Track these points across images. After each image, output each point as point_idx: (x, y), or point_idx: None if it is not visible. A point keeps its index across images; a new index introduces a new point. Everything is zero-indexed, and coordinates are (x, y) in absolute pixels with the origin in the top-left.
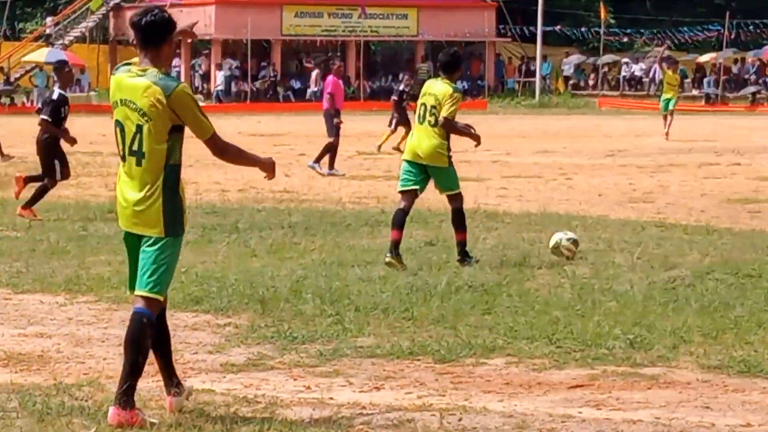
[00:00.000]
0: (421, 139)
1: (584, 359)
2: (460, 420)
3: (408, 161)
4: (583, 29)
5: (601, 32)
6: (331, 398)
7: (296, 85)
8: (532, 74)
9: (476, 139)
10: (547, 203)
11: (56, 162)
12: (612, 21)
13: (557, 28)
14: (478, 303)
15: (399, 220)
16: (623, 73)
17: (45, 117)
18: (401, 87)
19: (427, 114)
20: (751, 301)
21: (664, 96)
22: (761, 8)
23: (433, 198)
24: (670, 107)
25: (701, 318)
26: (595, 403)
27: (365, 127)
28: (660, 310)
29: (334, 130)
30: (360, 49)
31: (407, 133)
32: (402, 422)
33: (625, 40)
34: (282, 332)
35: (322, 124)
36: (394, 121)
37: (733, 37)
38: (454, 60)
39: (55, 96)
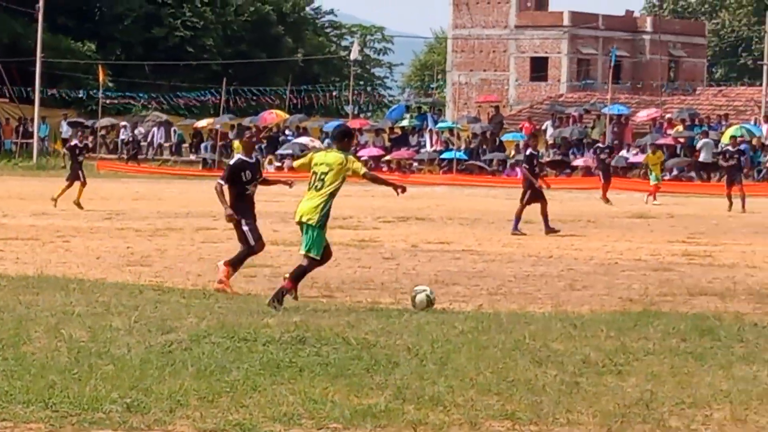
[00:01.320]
0: (306, 201)
1: (81, 423)
2: None
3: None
4: (81, 92)
5: (100, 95)
6: None
7: None
8: (30, 135)
9: (396, 187)
10: (45, 266)
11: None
12: (110, 84)
13: (55, 90)
14: None
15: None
16: (121, 137)
17: (219, 181)
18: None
19: (316, 180)
20: (246, 364)
21: None
22: (256, 76)
23: None
24: None
25: (198, 381)
26: None
27: None
28: (157, 374)
29: None
30: None
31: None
32: None
33: (124, 103)
34: None
35: None
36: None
37: (229, 103)
38: (344, 133)
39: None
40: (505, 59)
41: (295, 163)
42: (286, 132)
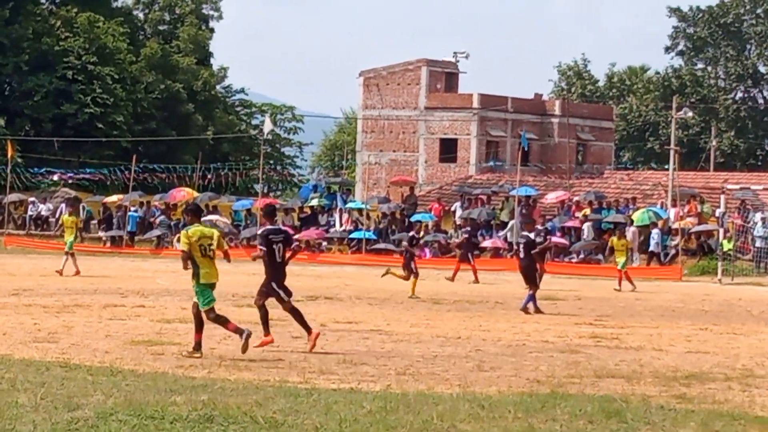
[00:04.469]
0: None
1: None
2: None
3: None
4: None
5: (8, 171)
6: None
7: None
8: None
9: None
10: None
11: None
12: (19, 160)
13: None
14: None
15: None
16: (30, 212)
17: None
18: None
19: (208, 250)
20: None
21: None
22: (166, 153)
23: None
24: None
25: None
26: None
27: None
28: None
29: None
30: None
31: None
32: None
33: (32, 179)
34: None
35: None
36: None
37: (139, 179)
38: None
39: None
40: (414, 140)
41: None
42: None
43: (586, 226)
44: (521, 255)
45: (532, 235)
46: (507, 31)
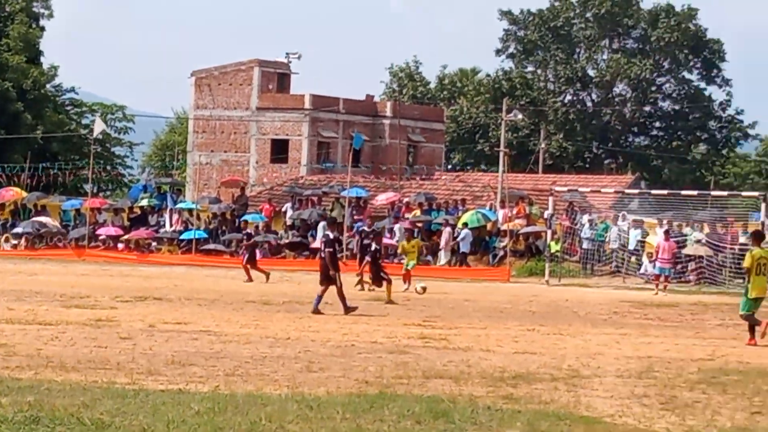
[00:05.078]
0: None
1: None
2: None
3: None
4: None
5: None
6: None
7: None
8: None
9: None
10: None
11: None
12: None
13: None
14: None
15: None
16: None
17: None
18: None
19: None
20: None
21: None
22: None
23: None
24: None
25: None
26: None
27: None
28: None
29: None
30: None
31: None
32: None
33: None
34: None
35: None
36: None
37: None
38: None
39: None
40: (246, 141)
41: None
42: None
43: (397, 227)
44: (322, 255)
45: (331, 235)
46: (340, 32)
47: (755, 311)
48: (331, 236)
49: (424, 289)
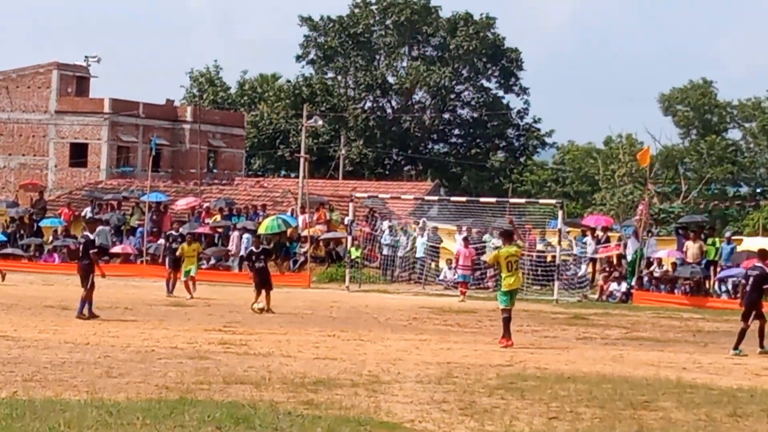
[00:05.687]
0: None
1: None
2: None
3: None
4: None
5: None
6: None
7: None
8: None
9: None
10: None
11: None
12: None
13: None
14: None
15: None
16: None
17: None
18: None
19: None
20: None
21: None
22: None
23: None
24: None
25: None
26: None
27: None
28: None
29: None
30: None
31: None
32: None
33: None
34: None
35: None
36: None
37: None
38: None
39: None
40: (44, 144)
41: None
42: None
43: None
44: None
45: (91, 236)
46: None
47: (512, 306)
48: (91, 237)
49: (262, 310)
